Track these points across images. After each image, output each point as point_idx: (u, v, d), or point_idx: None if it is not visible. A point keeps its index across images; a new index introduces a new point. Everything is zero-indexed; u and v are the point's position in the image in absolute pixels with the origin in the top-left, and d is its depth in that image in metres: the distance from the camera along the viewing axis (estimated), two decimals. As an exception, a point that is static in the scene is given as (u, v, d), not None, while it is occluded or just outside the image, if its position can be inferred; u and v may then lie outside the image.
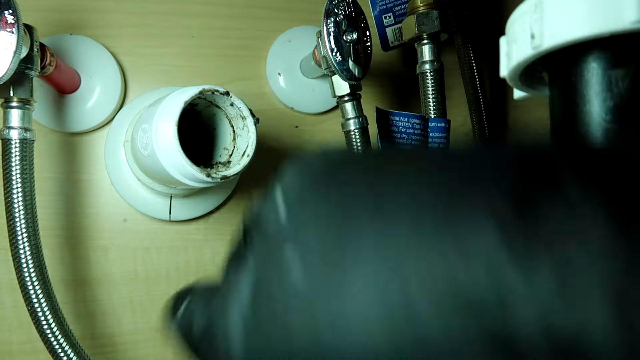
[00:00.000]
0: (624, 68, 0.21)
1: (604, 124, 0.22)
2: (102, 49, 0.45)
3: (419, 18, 0.41)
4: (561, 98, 0.24)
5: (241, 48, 0.49)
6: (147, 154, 0.34)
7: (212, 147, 0.38)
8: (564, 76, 0.24)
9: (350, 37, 0.38)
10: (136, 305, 0.46)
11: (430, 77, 0.42)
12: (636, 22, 0.19)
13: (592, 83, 0.22)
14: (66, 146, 0.45)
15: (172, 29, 0.48)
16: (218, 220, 0.48)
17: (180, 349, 0.17)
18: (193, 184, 0.34)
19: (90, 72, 0.44)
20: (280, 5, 0.51)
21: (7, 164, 0.34)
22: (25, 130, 0.35)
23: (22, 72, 0.34)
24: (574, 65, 0.23)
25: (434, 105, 0.42)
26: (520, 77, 0.27)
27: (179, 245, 0.47)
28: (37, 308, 0.34)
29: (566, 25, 0.21)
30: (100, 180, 0.46)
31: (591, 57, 0.22)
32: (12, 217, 0.34)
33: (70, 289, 0.45)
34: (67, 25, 0.45)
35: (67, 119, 0.44)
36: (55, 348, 0.34)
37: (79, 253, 0.45)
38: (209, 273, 0.47)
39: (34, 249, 0.34)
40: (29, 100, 0.35)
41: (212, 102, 0.36)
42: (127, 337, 0.45)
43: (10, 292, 0.43)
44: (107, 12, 0.47)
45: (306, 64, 0.48)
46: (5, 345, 0.43)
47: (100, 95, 0.45)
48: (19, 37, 0.31)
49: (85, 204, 0.45)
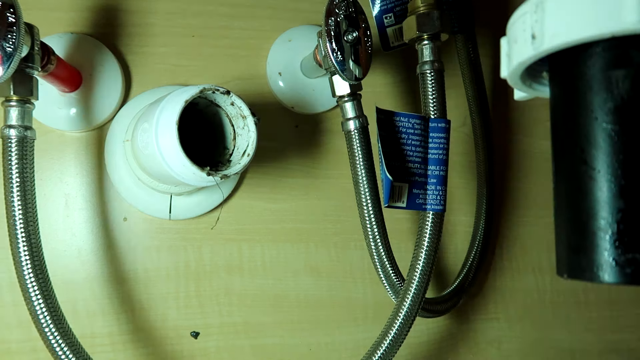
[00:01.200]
0: (625, 69, 0.21)
1: (605, 125, 0.22)
2: (103, 48, 0.45)
3: (419, 18, 0.41)
4: (562, 99, 0.24)
5: (242, 47, 0.49)
6: (148, 153, 0.35)
7: (212, 146, 0.38)
8: (565, 77, 0.24)
9: (351, 37, 0.38)
10: (136, 304, 0.46)
11: (430, 78, 0.42)
12: (637, 23, 0.19)
13: (593, 84, 0.22)
14: (66, 145, 0.45)
15: (173, 28, 0.48)
16: (218, 219, 0.48)
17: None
18: (193, 183, 0.34)
19: (91, 70, 0.44)
20: (281, 4, 0.51)
21: (7, 163, 0.34)
22: (25, 128, 0.35)
23: (23, 71, 0.34)
24: (575, 66, 0.23)
25: (434, 106, 0.42)
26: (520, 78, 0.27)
27: (179, 244, 0.47)
28: (37, 307, 0.34)
29: (567, 26, 0.21)
30: (100, 179, 0.46)
31: (592, 58, 0.22)
32: (12, 216, 0.34)
33: (70, 288, 0.45)
34: (68, 23, 0.46)
35: (68, 117, 0.44)
36: (54, 347, 0.34)
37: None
38: (209, 273, 0.48)
39: (33, 248, 0.34)
40: (29, 99, 0.35)
41: (213, 101, 0.36)
42: (127, 336, 0.45)
43: (9, 291, 0.43)
44: (108, 10, 0.47)
45: (307, 64, 0.48)
46: (4, 343, 0.43)
47: (100, 94, 0.45)
48: (19, 35, 0.31)
49: (85, 203, 0.45)
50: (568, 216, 0.23)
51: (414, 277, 0.41)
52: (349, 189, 0.51)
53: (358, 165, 0.41)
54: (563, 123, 0.24)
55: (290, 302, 0.49)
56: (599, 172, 0.21)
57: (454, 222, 0.55)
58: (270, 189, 0.50)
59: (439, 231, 0.42)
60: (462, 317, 0.55)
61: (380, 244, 0.42)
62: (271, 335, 0.49)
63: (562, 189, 0.24)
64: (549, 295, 0.57)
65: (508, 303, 0.56)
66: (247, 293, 0.48)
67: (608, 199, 0.21)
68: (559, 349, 0.57)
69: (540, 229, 0.58)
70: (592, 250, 0.21)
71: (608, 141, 0.21)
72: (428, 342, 0.53)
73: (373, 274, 0.45)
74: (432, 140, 0.42)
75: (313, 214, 0.50)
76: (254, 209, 0.49)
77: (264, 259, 0.49)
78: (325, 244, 0.51)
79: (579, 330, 0.58)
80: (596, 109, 0.22)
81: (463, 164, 0.56)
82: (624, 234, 0.21)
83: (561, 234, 0.24)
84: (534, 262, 0.57)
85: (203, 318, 0.47)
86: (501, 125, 0.57)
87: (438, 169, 0.42)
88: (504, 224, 0.57)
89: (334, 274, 0.51)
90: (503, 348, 0.55)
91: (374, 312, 0.51)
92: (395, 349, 0.40)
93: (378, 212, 0.42)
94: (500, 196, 0.57)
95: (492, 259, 0.56)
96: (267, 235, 0.49)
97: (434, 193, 0.42)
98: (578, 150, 0.22)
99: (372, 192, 0.41)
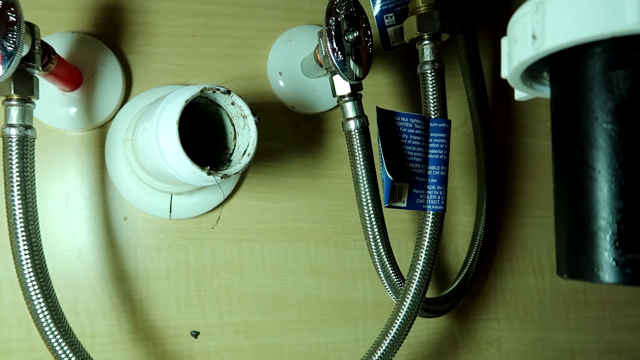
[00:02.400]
0: (625, 69, 0.21)
1: (605, 125, 0.22)
2: (104, 47, 0.45)
3: (420, 18, 0.41)
4: (562, 99, 0.24)
5: (242, 47, 0.50)
6: (148, 152, 0.35)
7: (213, 146, 0.38)
8: (565, 77, 0.24)
9: (352, 37, 0.38)
10: (136, 303, 0.46)
11: (431, 78, 0.42)
12: (637, 24, 0.19)
13: (594, 84, 0.22)
14: (67, 144, 0.45)
15: (174, 28, 0.48)
16: (219, 218, 0.48)
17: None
18: (193, 182, 0.34)
19: (92, 70, 0.44)
20: (282, 4, 0.51)
21: (7, 162, 0.34)
22: (26, 127, 0.35)
23: (24, 70, 0.34)
24: (575, 66, 0.23)
25: (434, 106, 0.42)
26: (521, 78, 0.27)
27: (179, 244, 0.47)
28: (37, 306, 0.34)
29: (567, 27, 0.21)
30: (100, 178, 0.46)
31: (592, 58, 0.22)
32: (12, 215, 0.34)
33: (70, 287, 0.45)
34: (68, 23, 0.46)
35: (68, 117, 0.44)
36: (54, 346, 0.34)
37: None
38: (209, 272, 0.48)
39: (34, 247, 0.35)
40: (30, 98, 0.35)
41: (214, 101, 0.36)
42: (127, 335, 0.45)
43: (10, 290, 0.43)
44: (109, 10, 0.47)
45: (307, 64, 0.48)
46: (4, 343, 0.43)
47: (101, 94, 0.45)
48: (20, 34, 0.31)
49: (85, 202, 0.45)
50: (568, 216, 0.23)
51: (414, 277, 0.41)
52: (349, 188, 0.51)
53: (358, 165, 0.41)
54: (563, 123, 0.24)
55: (290, 302, 0.49)
56: (600, 172, 0.21)
57: (454, 222, 0.55)
58: (270, 189, 0.50)
59: (440, 231, 0.42)
60: (462, 317, 0.55)
61: (380, 244, 0.42)
62: (271, 334, 0.49)
63: (563, 189, 0.24)
64: (549, 295, 0.57)
65: (508, 303, 0.56)
66: (247, 293, 0.48)
67: (608, 199, 0.21)
68: (558, 349, 0.57)
69: (541, 229, 0.58)
70: (592, 250, 0.21)
71: (608, 141, 0.21)
72: (428, 342, 0.53)
73: (373, 273, 0.45)
74: (432, 140, 0.42)
75: (313, 214, 0.51)
76: (254, 209, 0.49)
77: (264, 259, 0.49)
78: (326, 243, 0.51)
79: (579, 330, 0.58)
80: (597, 109, 0.22)
81: (463, 164, 0.56)
82: (624, 235, 0.21)
83: (561, 234, 0.24)
84: (534, 263, 0.57)
85: (203, 317, 0.47)
86: (502, 126, 0.57)
87: (438, 169, 0.42)
88: (504, 224, 0.57)
89: (334, 273, 0.51)
90: (503, 348, 0.55)
91: (374, 312, 0.51)
92: (395, 349, 0.40)
93: (378, 212, 0.42)
94: (500, 196, 0.57)
95: (492, 259, 0.56)
96: (267, 235, 0.49)
97: (434, 193, 0.42)
98: (578, 150, 0.22)
99: (372, 192, 0.41)
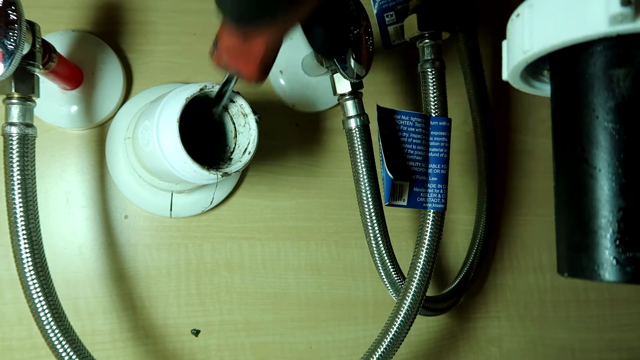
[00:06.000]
0: (626, 68, 0.21)
1: (606, 124, 0.22)
2: (105, 46, 0.45)
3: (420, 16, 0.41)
4: (563, 97, 0.24)
5: (243, 45, 0.49)
6: (149, 150, 0.35)
7: (213, 144, 0.38)
8: (566, 76, 0.24)
9: (352, 35, 0.38)
10: (136, 301, 0.46)
11: (431, 76, 0.42)
12: (607, 27, 0.19)
13: (594, 83, 0.22)
14: (68, 142, 0.45)
15: (174, 26, 0.48)
16: (219, 217, 0.48)
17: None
18: (194, 180, 0.34)
19: (93, 68, 0.44)
20: (282, 2, 0.50)
21: (8, 160, 0.34)
22: (26, 126, 0.35)
23: (24, 69, 0.34)
24: (576, 64, 0.23)
25: (435, 104, 0.42)
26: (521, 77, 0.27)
27: (180, 242, 0.47)
28: (38, 304, 0.34)
29: (549, 32, 0.21)
30: (101, 176, 0.46)
31: (593, 56, 0.22)
32: (13, 213, 0.34)
33: (71, 285, 0.45)
34: (69, 21, 0.46)
35: (69, 115, 0.44)
36: (55, 344, 0.34)
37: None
38: (210, 271, 0.48)
39: (34, 245, 0.35)
40: (30, 97, 0.35)
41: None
42: (128, 333, 0.45)
43: (10, 288, 0.43)
44: (110, 8, 0.47)
45: (308, 62, 0.48)
46: (5, 341, 0.43)
47: (102, 92, 0.45)
48: (21, 33, 0.31)
49: (86, 200, 0.45)
50: (569, 215, 0.23)
51: (414, 275, 0.41)
52: (349, 187, 0.51)
53: (359, 164, 0.41)
54: (564, 122, 0.24)
55: (290, 300, 0.49)
56: (600, 170, 0.21)
57: (454, 221, 0.55)
58: (270, 187, 0.50)
59: (440, 230, 0.42)
60: (462, 315, 0.55)
61: (381, 242, 0.42)
62: (272, 333, 0.49)
63: (563, 188, 0.24)
64: (550, 293, 0.57)
65: (509, 301, 0.56)
66: (248, 291, 0.48)
67: (609, 197, 0.21)
68: (559, 347, 0.57)
69: (541, 228, 0.58)
70: (593, 248, 0.22)
71: (609, 140, 0.21)
72: (429, 341, 0.53)
73: (374, 272, 0.45)
74: (432, 139, 0.42)
75: (314, 212, 0.51)
76: (254, 207, 0.49)
77: (264, 257, 0.49)
78: (326, 242, 0.51)
79: (579, 328, 0.58)
80: (597, 108, 0.22)
81: (464, 163, 0.56)
82: (625, 233, 0.21)
83: (562, 232, 0.24)
84: (534, 261, 0.57)
85: (204, 316, 0.47)
86: (502, 124, 0.57)
87: (439, 168, 0.42)
88: (504, 223, 0.57)
89: (334, 272, 0.51)
90: (503, 346, 0.55)
91: (375, 310, 0.51)
92: (395, 347, 0.40)
93: (379, 211, 0.42)
94: (501, 194, 0.57)
95: (492, 258, 0.56)
96: (267, 233, 0.49)
97: (434, 191, 0.42)
98: (579, 148, 0.22)
99: (373, 191, 0.41)
